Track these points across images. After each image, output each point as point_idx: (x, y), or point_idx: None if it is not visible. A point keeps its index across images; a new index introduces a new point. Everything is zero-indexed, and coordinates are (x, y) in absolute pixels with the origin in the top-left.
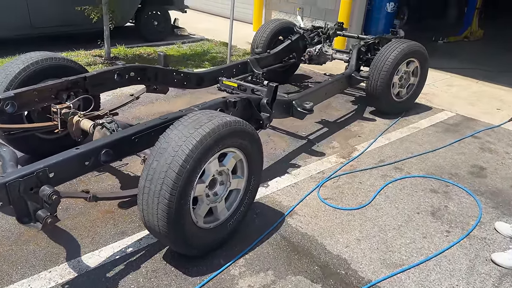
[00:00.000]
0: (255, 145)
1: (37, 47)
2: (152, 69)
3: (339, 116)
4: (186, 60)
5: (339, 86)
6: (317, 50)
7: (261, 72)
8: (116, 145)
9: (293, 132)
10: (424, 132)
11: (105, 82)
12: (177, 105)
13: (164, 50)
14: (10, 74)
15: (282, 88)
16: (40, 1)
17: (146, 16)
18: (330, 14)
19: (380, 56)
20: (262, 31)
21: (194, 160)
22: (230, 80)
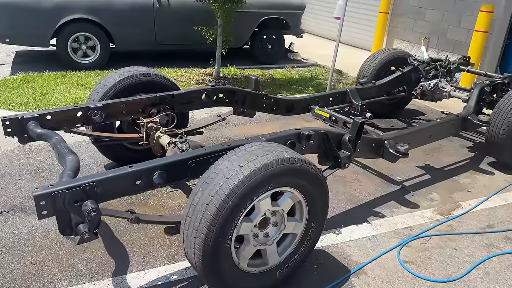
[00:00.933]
0: (319, 188)
1: (159, 61)
2: (241, 92)
3: (448, 163)
4: (291, 85)
5: (449, 129)
6: (432, 85)
7: (360, 103)
8: (170, 168)
9: (386, 174)
10: None
11: (192, 101)
12: (268, 129)
13: (272, 73)
14: (107, 85)
15: (387, 123)
16: (165, 20)
17: (261, 39)
18: (460, 46)
19: (508, 98)
20: (372, 60)
21: (239, 196)
22: (322, 110)
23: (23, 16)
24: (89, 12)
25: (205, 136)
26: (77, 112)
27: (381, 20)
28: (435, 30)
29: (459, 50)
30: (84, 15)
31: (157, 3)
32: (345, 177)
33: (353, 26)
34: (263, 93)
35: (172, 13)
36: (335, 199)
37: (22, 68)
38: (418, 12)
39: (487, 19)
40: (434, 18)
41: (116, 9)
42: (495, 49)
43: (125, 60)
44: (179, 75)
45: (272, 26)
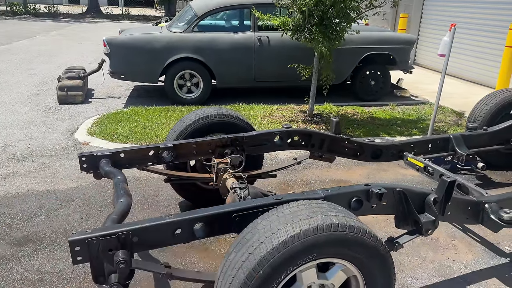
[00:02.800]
0: (379, 262)
1: (256, 97)
2: (318, 135)
3: None
4: (392, 125)
5: None
6: None
7: (465, 153)
8: (213, 220)
9: (492, 242)
10: None
11: (263, 143)
12: (356, 174)
13: (373, 111)
14: (182, 125)
15: (504, 176)
16: (264, 59)
17: (363, 75)
18: None
19: None
20: (485, 101)
21: (271, 265)
22: (416, 158)
23: (136, 55)
24: (194, 51)
25: (284, 179)
26: (149, 151)
27: (508, 55)
28: None
29: None
30: (189, 54)
31: (258, 42)
32: (438, 240)
33: (476, 61)
34: (344, 136)
35: (271, 52)
36: (420, 267)
37: (135, 102)
38: None
39: None
40: None
41: (219, 49)
42: None
43: (225, 96)
44: (273, 112)
45: (377, 62)
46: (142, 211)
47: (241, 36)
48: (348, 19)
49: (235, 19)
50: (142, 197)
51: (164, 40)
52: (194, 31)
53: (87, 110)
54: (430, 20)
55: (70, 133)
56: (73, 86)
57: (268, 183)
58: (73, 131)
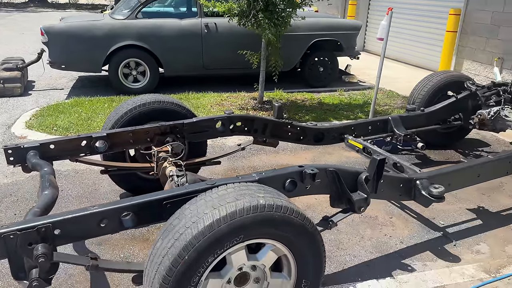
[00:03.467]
0: (307, 241)
1: (206, 85)
2: (261, 120)
3: (508, 206)
4: (339, 110)
5: (504, 168)
6: (492, 113)
7: (403, 133)
8: (142, 209)
9: (427, 217)
10: None
11: (204, 130)
12: (301, 158)
13: (322, 97)
14: (118, 114)
15: (442, 155)
16: (213, 45)
17: (312, 62)
18: None
19: None
20: (423, 84)
21: (197, 250)
22: (356, 140)
23: (76, 44)
24: (138, 39)
25: (231, 165)
26: (81, 142)
27: (449, 39)
28: (510, 49)
29: None
30: (133, 42)
31: (205, 29)
32: (376, 218)
33: (419, 46)
34: (287, 121)
35: (219, 38)
36: (359, 245)
37: (79, 92)
38: (491, 30)
39: None
40: (509, 36)
41: (165, 36)
42: None
43: (173, 84)
44: (223, 99)
45: (324, 48)
46: (80, 205)
47: (188, 23)
48: (293, 5)
49: (182, 6)
50: (81, 191)
51: (106, 27)
52: (138, 17)
53: (26, 103)
54: (378, 6)
55: (7, 127)
56: (10, 77)
57: (214, 171)
58: (10, 125)
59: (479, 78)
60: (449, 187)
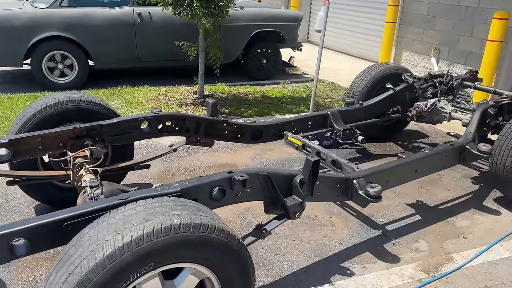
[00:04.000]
0: (232, 259)
1: (142, 79)
2: (193, 118)
3: (446, 199)
4: (282, 103)
5: (440, 162)
6: (429, 105)
7: (342, 128)
8: (36, 234)
9: (367, 215)
10: None
11: (127, 131)
12: (242, 156)
13: (265, 90)
14: (25, 116)
15: (382, 148)
16: (147, 36)
17: (254, 54)
18: (473, 58)
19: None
20: (362, 77)
21: (95, 285)
22: (295, 137)
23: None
24: (63, 29)
25: (165, 167)
26: None
27: (388, 30)
28: (446, 40)
29: (472, 62)
30: (58, 33)
31: (139, 18)
32: (316, 218)
33: (360, 37)
34: (221, 118)
35: (154, 29)
36: (297, 249)
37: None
38: (428, 21)
39: (501, 27)
40: (445, 27)
41: (93, 26)
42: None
43: (105, 78)
44: (161, 94)
45: (267, 40)
46: None
47: (119, 12)
48: None
49: None
50: None
51: (26, 16)
52: (63, 5)
53: None
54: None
55: None
56: None
57: (146, 174)
58: None
59: (417, 69)
60: (387, 184)
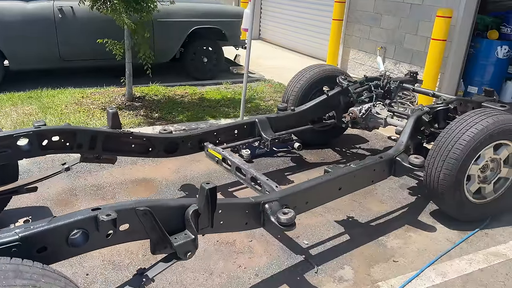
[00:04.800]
0: None
1: (67, 79)
2: (87, 132)
3: (379, 213)
4: (220, 106)
5: (368, 177)
6: (364, 110)
7: (270, 138)
8: None
9: (291, 237)
10: None
11: (0, 150)
12: (164, 170)
13: (206, 91)
14: None
15: (319, 155)
16: (69, 33)
17: (194, 52)
18: (419, 57)
19: (448, 133)
20: (296, 79)
21: None
22: (215, 149)
23: None
24: None
25: (70, 185)
26: None
27: (335, 28)
28: (392, 38)
29: (417, 61)
30: None
31: (59, 13)
32: (234, 243)
33: (309, 35)
34: (125, 130)
35: (78, 25)
36: (203, 286)
37: None
38: (374, 18)
39: (445, 25)
40: (391, 25)
41: (6, 22)
42: (456, 59)
43: (24, 79)
44: (85, 96)
45: (207, 37)
46: None
47: (36, 7)
48: None
49: None
50: None
51: None
52: None
53: None
54: None
55: None
56: None
57: (43, 195)
58: None
59: (365, 68)
60: (307, 206)
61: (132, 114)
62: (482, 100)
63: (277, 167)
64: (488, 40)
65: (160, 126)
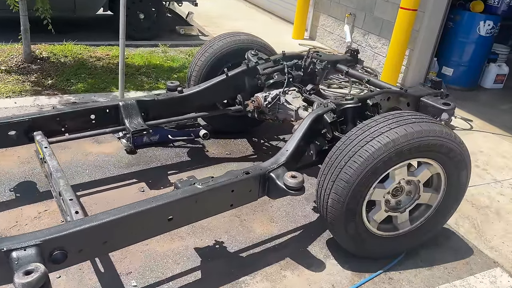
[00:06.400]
0: None
1: None
2: None
3: (259, 238)
4: (139, 74)
5: (223, 201)
6: (270, 99)
7: (133, 129)
8: None
9: (119, 272)
10: None
11: None
12: (12, 159)
13: (137, 54)
14: None
15: (228, 147)
16: None
17: (128, 6)
18: (389, 28)
19: (345, 145)
20: (201, 52)
21: None
22: (41, 144)
23: None
24: None
25: None
26: None
27: None
28: (362, 4)
29: (386, 32)
30: None
31: None
32: None
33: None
34: None
35: None
36: None
37: None
38: None
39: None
40: None
41: None
42: (429, 34)
43: None
44: None
45: None
46: None
47: None
48: None
49: None
50: None
51: None
52: None
53: None
54: None
55: None
56: None
57: None
58: None
59: (333, 37)
60: (106, 248)
61: (19, 80)
62: (421, 94)
63: (164, 161)
64: (471, 13)
65: (47, 96)
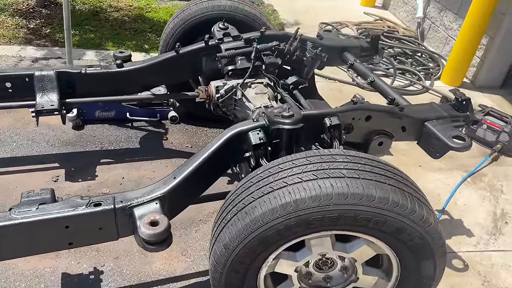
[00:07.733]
0: None
1: None
2: None
3: (161, 274)
4: (152, 31)
5: (57, 237)
6: (223, 91)
7: (39, 108)
8: None
9: None
10: None
11: None
12: None
13: (163, 7)
14: None
15: (193, 137)
16: None
17: None
18: (469, 5)
19: (238, 190)
20: (173, 17)
21: None
22: None
23: None
24: None
25: None
26: None
27: None
28: None
29: (465, 12)
30: None
31: None
32: None
33: None
34: None
35: None
36: None
37: None
38: None
39: None
40: None
41: None
42: None
43: None
44: None
45: None
46: None
47: None
48: None
49: None
50: None
51: None
52: None
53: None
54: None
55: None
56: None
57: None
58: None
59: (406, 9)
60: None
61: (18, 25)
62: (427, 116)
63: (107, 145)
64: None
65: (35, 47)
